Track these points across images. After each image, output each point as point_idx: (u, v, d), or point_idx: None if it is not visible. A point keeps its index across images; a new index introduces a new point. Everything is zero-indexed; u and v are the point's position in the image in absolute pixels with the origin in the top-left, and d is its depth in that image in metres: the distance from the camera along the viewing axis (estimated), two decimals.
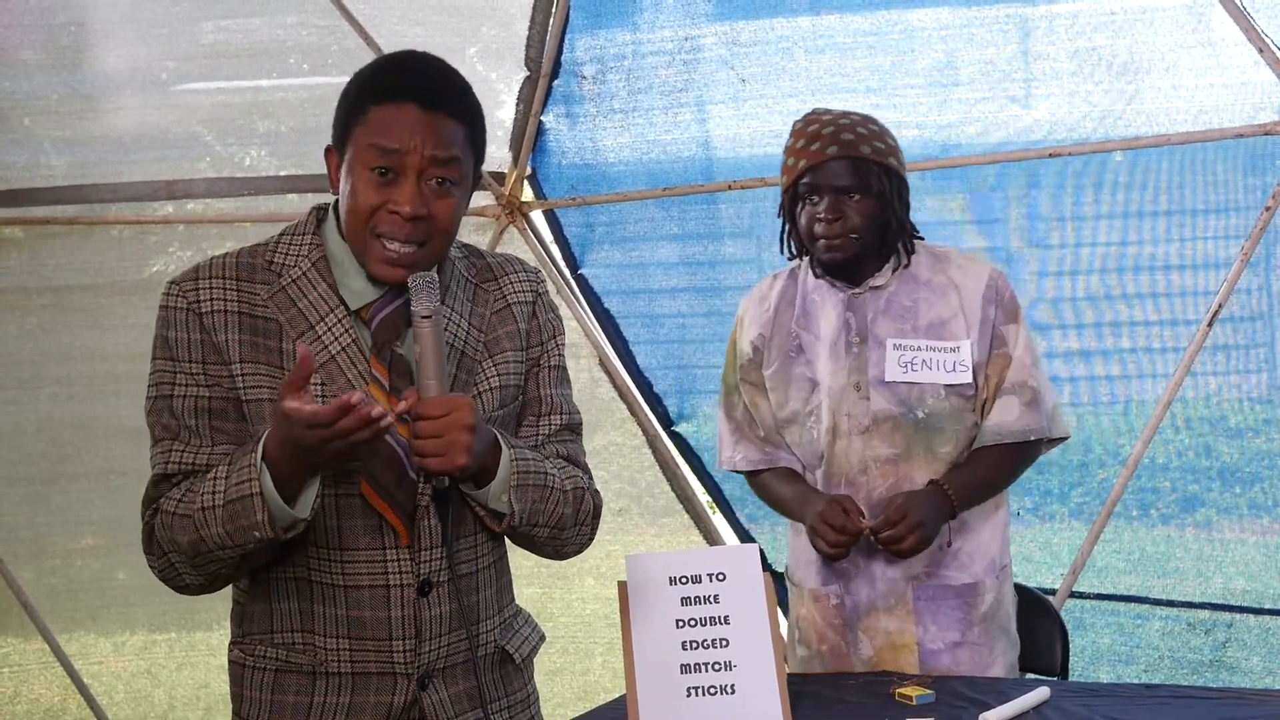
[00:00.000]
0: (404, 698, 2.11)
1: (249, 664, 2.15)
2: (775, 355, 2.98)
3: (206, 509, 1.97)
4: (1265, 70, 3.69)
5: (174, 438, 2.06)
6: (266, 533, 1.94)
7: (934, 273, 2.92)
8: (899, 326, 2.88)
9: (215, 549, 1.99)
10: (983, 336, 2.86)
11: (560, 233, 4.76)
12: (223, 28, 4.58)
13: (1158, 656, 4.16)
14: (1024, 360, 2.87)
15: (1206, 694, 2.53)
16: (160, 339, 2.09)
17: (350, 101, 2.09)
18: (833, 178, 2.82)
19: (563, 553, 2.27)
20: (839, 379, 2.89)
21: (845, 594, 2.91)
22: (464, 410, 1.98)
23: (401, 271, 2.05)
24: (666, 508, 4.94)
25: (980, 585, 2.89)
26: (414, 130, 2.03)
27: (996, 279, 2.91)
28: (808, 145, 2.85)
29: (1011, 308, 2.90)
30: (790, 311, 2.99)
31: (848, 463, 2.88)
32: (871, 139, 2.85)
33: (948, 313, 2.88)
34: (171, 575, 2.08)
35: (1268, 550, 4.01)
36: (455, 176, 2.07)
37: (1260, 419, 3.98)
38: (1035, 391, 2.87)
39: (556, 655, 4.93)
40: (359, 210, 2.04)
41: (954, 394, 2.85)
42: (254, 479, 1.92)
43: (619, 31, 4.43)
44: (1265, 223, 3.77)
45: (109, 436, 4.73)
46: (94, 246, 4.74)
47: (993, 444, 2.87)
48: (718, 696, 2.25)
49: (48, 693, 5.04)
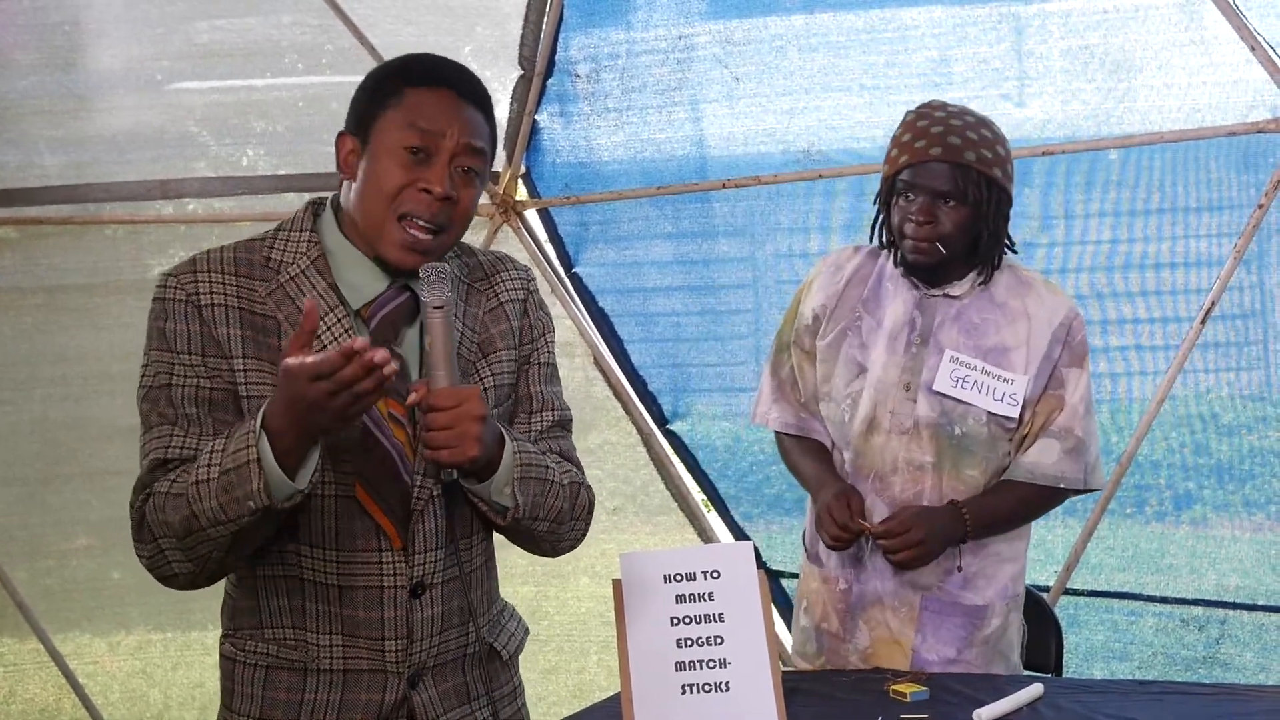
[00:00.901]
0: (394, 696, 2.12)
1: (240, 659, 2.15)
2: (832, 328, 2.93)
3: (201, 482, 1.92)
4: (1257, 68, 3.69)
5: (173, 424, 2.03)
6: (261, 501, 1.89)
7: (1012, 296, 2.86)
8: (962, 341, 2.83)
9: (208, 525, 1.93)
10: (1040, 373, 2.81)
11: (554, 231, 4.76)
12: (217, 27, 4.57)
13: (1151, 653, 4.17)
14: (1077, 408, 2.82)
15: (1200, 690, 2.54)
16: (156, 330, 2.06)
17: (381, 85, 2.10)
18: (931, 179, 2.76)
19: (558, 548, 2.28)
20: (890, 374, 2.85)
21: (855, 581, 2.89)
22: (474, 401, 1.99)
23: (417, 258, 2.06)
24: (661, 506, 4.94)
25: (990, 609, 2.86)
26: (452, 115, 2.07)
27: (1072, 319, 2.85)
28: (913, 140, 2.78)
29: (1080, 351, 2.85)
30: (860, 290, 2.93)
31: (881, 459, 2.85)
32: (979, 145, 2.77)
33: (1013, 342, 2.83)
34: (160, 563, 2.02)
35: (1261, 547, 4.01)
36: (480, 167, 2.11)
37: (1253, 416, 3.98)
38: (1080, 441, 2.82)
39: (551, 654, 4.93)
40: (385, 189, 2.05)
41: (994, 422, 2.81)
42: (251, 445, 1.88)
43: (613, 30, 4.43)
44: (1258, 220, 3.78)
45: (104, 437, 4.72)
46: (88, 246, 4.74)
47: (1024, 480, 2.83)
48: (712, 694, 2.26)
49: (42, 693, 5.04)
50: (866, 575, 2.88)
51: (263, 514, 1.92)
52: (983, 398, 2.79)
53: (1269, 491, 3.96)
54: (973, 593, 2.85)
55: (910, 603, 2.85)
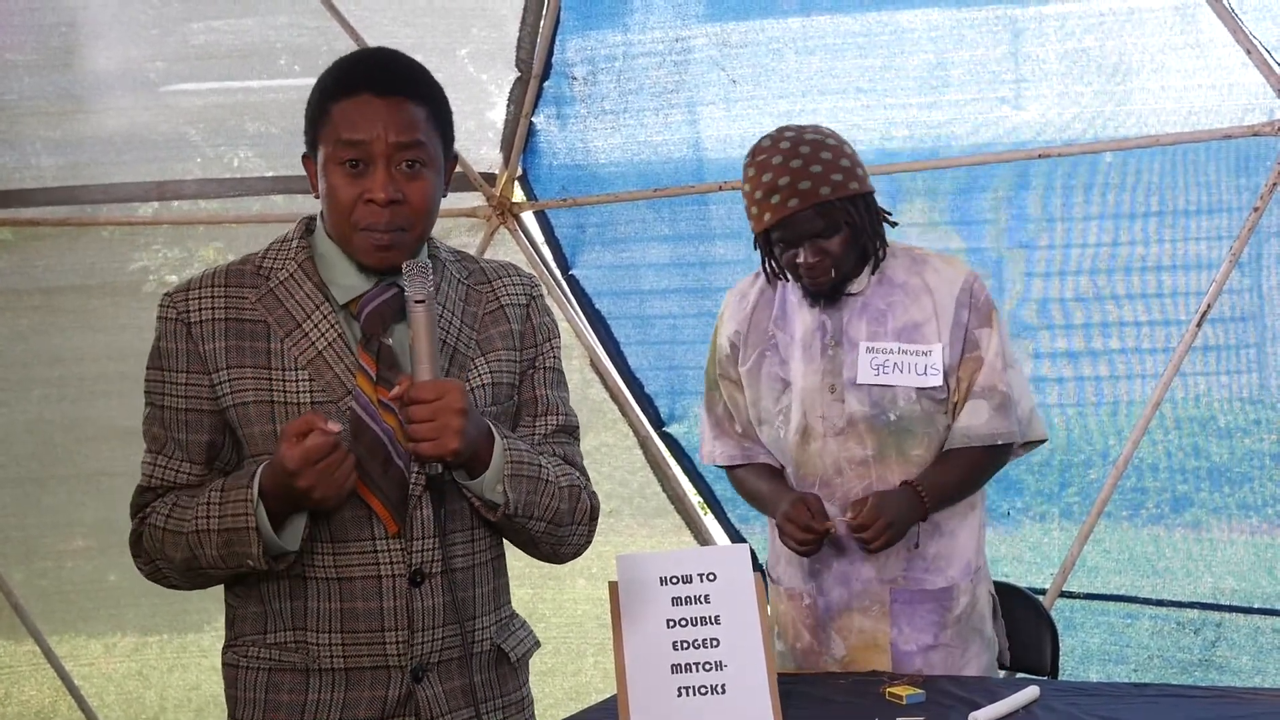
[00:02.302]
0: (398, 691, 2.12)
1: (242, 665, 2.16)
2: (750, 353, 2.99)
3: (201, 532, 2.04)
4: (1253, 71, 3.70)
5: (159, 451, 2.14)
6: (260, 565, 2.02)
7: (910, 275, 2.91)
8: (873, 329, 2.88)
9: (208, 568, 2.08)
10: (954, 340, 2.86)
11: (551, 234, 4.76)
12: (213, 28, 4.57)
13: (1147, 656, 4.17)
14: (995, 364, 2.86)
15: (1196, 693, 2.55)
16: (155, 350, 2.16)
17: (313, 105, 2.13)
18: (802, 226, 2.79)
19: (560, 552, 2.27)
20: (812, 380, 2.90)
21: (819, 594, 2.93)
22: (455, 394, 2.00)
23: (393, 254, 2.08)
24: (658, 509, 4.94)
25: (955, 589, 2.90)
26: (374, 118, 2.07)
27: (972, 282, 2.90)
28: (767, 197, 2.80)
29: (985, 311, 2.90)
30: (768, 310, 3.00)
31: (822, 464, 2.89)
32: (828, 172, 2.79)
33: (921, 316, 2.88)
34: (159, 578, 2.18)
35: (1257, 550, 4.02)
36: (423, 158, 2.10)
37: (1249, 419, 3.99)
38: (1005, 396, 2.86)
39: (548, 656, 4.93)
40: (339, 207, 2.09)
41: (925, 397, 2.86)
42: (249, 514, 1.99)
43: (610, 33, 4.43)
44: (1254, 223, 3.78)
45: (100, 438, 4.72)
46: (84, 248, 4.74)
47: (961, 446, 2.87)
48: (708, 696, 2.26)
49: (38, 695, 5.03)
50: (828, 584, 2.91)
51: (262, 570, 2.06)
52: (906, 376, 2.85)
53: (1265, 494, 3.96)
54: (936, 575, 2.89)
55: (880, 599, 2.88)
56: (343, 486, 1.98)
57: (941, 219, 4.22)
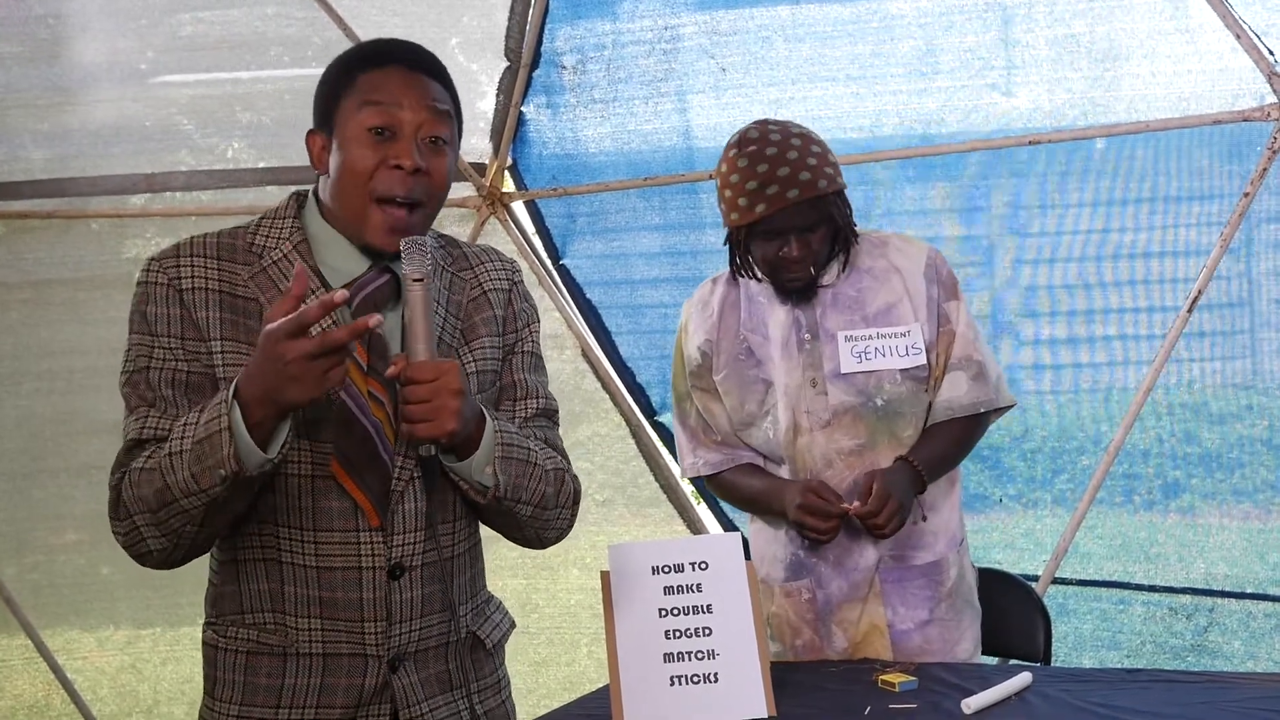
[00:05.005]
0: (375, 680, 2.12)
1: (221, 645, 2.16)
2: (725, 360, 2.97)
3: (174, 454, 1.93)
4: (1243, 56, 3.69)
5: (150, 405, 2.06)
6: (231, 467, 1.88)
7: (875, 259, 2.93)
8: (848, 318, 2.89)
9: (180, 496, 1.94)
10: (930, 316, 2.88)
11: (542, 223, 4.76)
12: (201, 19, 4.56)
13: (1140, 641, 4.18)
14: (967, 335, 2.90)
15: (1188, 678, 2.55)
16: (138, 314, 2.10)
17: (334, 77, 2.13)
18: (795, 218, 2.78)
19: (544, 536, 2.27)
20: (794, 377, 2.89)
21: (817, 588, 2.92)
22: (452, 375, 1.99)
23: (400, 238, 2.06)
24: (651, 498, 4.94)
25: (944, 561, 2.92)
26: (406, 87, 2.09)
27: (935, 258, 2.93)
28: (763, 187, 2.77)
29: (950, 284, 2.92)
30: (736, 315, 2.98)
31: (812, 458, 2.89)
32: (822, 166, 2.80)
33: (893, 298, 2.89)
34: (135, 539, 2.03)
35: (1249, 535, 4.02)
36: (447, 135, 2.12)
37: (1241, 405, 3.99)
38: (980, 364, 2.90)
39: (542, 646, 4.94)
40: (357, 174, 2.07)
41: (909, 377, 2.87)
42: (223, 414, 1.88)
43: (599, 21, 4.42)
44: (1244, 209, 3.79)
45: (91, 431, 4.71)
46: (74, 240, 4.73)
47: (945, 419, 2.90)
48: (701, 685, 2.26)
49: (31, 689, 5.03)
50: (825, 578, 2.91)
51: (234, 483, 1.92)
52: (889, 360, 2.86)
53: (1257, 480, 3.97)
54: (925, 551, 2.91)
55: (871, 583, 2.89)
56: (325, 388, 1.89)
57: (932, 206, 4.22)
